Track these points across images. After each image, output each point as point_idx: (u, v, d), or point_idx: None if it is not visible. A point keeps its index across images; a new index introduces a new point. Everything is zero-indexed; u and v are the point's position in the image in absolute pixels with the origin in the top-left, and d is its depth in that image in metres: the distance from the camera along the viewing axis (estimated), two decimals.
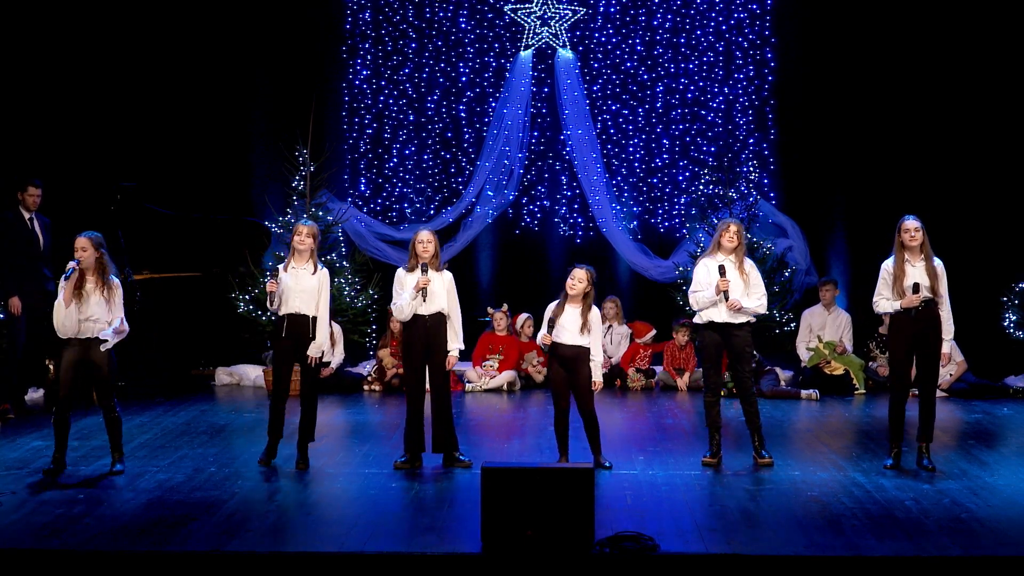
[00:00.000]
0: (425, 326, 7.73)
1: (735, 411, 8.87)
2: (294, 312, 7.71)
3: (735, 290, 7.71)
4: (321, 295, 7.76)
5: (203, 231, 12.01)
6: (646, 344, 12.03)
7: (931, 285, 7.57)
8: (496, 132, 13.20)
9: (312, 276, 7.76)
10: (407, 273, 7.80)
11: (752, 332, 7.91)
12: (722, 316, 7.73)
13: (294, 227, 7.89)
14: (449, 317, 7.79)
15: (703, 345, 7.94)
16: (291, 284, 7.71)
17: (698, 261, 7.99)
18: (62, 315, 7.29)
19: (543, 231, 13.46)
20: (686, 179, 13.30)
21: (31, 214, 9.94)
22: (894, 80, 12.81)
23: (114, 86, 12.54)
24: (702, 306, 7.79)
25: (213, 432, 9.05)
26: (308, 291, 7.72)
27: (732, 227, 7.83)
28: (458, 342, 7.83)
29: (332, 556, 5.65)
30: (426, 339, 7.73)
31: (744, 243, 7.87)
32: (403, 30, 13.35)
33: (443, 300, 7.75)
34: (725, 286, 7.65)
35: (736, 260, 7.79)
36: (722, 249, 7.83)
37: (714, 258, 7.83)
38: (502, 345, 11.77)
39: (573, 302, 7.65)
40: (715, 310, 7.74)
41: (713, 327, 7.78)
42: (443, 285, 7.76)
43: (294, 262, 7.80)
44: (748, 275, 7.78)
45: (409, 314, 7.73)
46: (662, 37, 13.38)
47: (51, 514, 6.36)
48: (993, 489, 7.08)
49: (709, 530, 6.10)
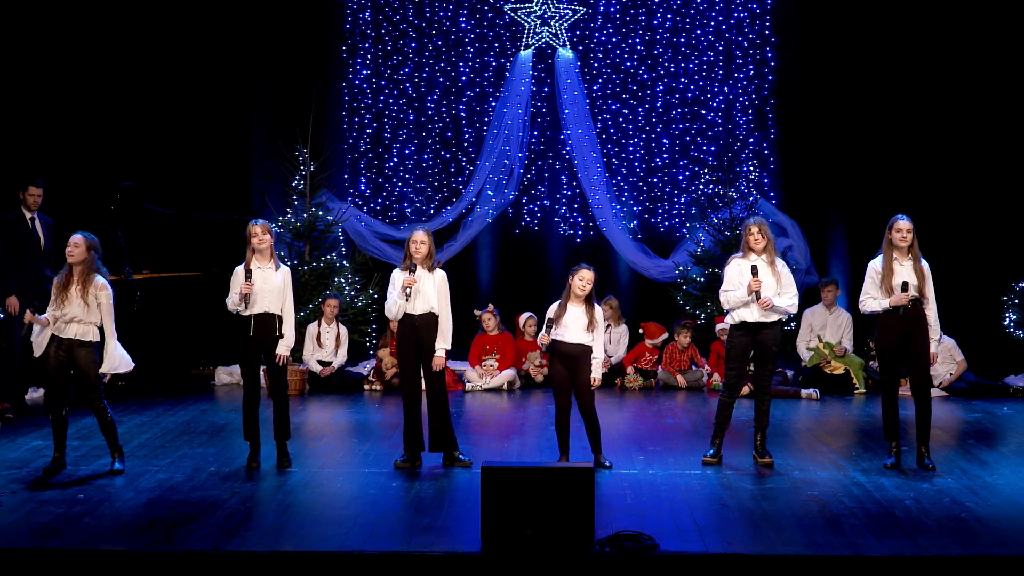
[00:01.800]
0: (414, 325, 7.72)
1: (740, 409, 8.85)
2: (261, 312, 7.67)
3: (767, 289, 7.69)
4: (286, 293, 7.75)
5: (203, 230, 12.00)
6: (655, 347, 12.01)
7: (918, 285, 7.60)
8: (496, 132, 13.20)
9: (276, 273, 7.73)
10: (400, 272, 7.80)
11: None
12: (754, 316, 7.72)
13: (248, 228, 7.77)
14: (439, 316, 7.78)
15: (731, 345, 7.88)
16: (259, 284, 7.66)
17: (730, 260, 7.93)
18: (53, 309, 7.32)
19: (543, 231, 13.46)
20: (686, 178, 13.30)
21: (32, 214, 9.94)
22: (894, 79, 12.81)
23: (114, 86, 12.54)
24: (733, 305, 7.77)
25: (213, 432, 9.05)
26: (274, 290, 7.69)
27: (754, 228, 7.79)
28: (444, 342, 7.78)
29: (332, 556, 5.66)
30: (416, 338, 7.72)
31: (772, 240, 7.84)
32: (403, 30, 13.36)
33: (433, 299, 7.72)
34: (757, 286, 7.64)
35: (768, 259, 7.77)
36: (752, 250, 7.81)
37: (747, 259, 7.81)
38: (496, 344, 11.76)
39: (576, 301, 7.65)
40: (747, 310, 7.73)
41: (745, 327, 7.76)
42: (434, 285, 7.74)
43: (257, 262, 7.73)
44: (780, 274, 7.77)
45: (397, 313, 7.73)
46: (662, 37, 13.38)
47: (51, 514, 6.36)
48: (993, 488, 7.08)
49: (709, 529, 6.10)
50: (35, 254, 9.90)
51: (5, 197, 10.20)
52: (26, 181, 9.93)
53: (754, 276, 7.67)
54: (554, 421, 7.81)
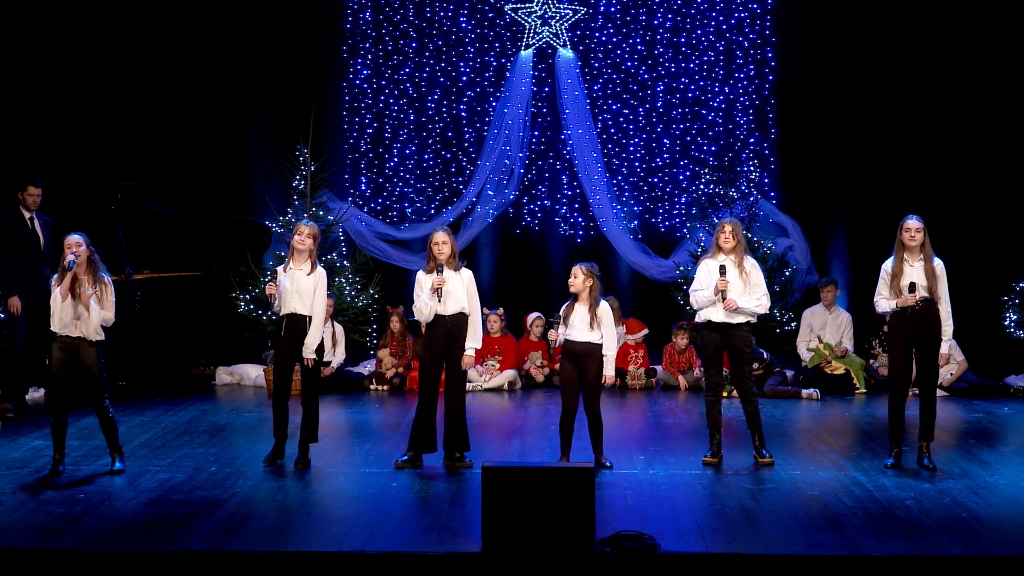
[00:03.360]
0: (446, 326, 7.71)
1: (736, 411, 8.86)
2: (292, 312, 7.73)
3: (734, 290, 7.70)
4: (316, 295, 7.77)
5: (203, 230, 12.00)
6: (637, 342, 12.00)
7: (929, 285, 7.58)
8: (497, 132, 13.20)
9: (308, 276, 7.77)
10: (426, 275, 7.80)
11: (752, 332, 7.91)
12: (719, 316, 7.73)
13: (295, 226, 7.91)
14: (470, 316, 7.79)
15: (703, 344, 7.95)
16: (288, 285, 7.73)
17: (699, 261, 7.99)
18: (58, 308, 7.30)
19: (543, 230, 13.46)
20: (686, 178, 13.30)
21: (31, 214, 9.95)
22: (895, 79, 12.81)
23: (114, 86, 12.54)
24: (701, 305, 7.80)
25: (214, 432, 9.05)
26: (304, 292, 7.73)
27: (727, 227, 7.82)
28: (475, 342, 7.82)
29: (333, 555, 5.65)
30: (446, 339, 7.72)
31: (743, 242, 7.85)
32: (404, 30, 13.35)
33: (463, 299, 7.74)
34: (723, 286, 7.65)
35: (736, 259, 7.78)
36: (721, 250, 7.83)
37: (715, 259, 7.83)
38: (498, 347, 11.76)
39: (580, 299, 7.68)
40: (713, 310, 7.75)
41: (712, 327, 7.79)
42: (462, 284, 7.75)
43: (292, 262, 7.81)
44: (748, 275, 7.77)
45: (429, 315, 7.72)
46: (663, 37, 13.38)
47: (52, 513, 6.36)
48: (994, 488, 7.07)
49: (710, 529, 6.10)
50: (35, 254, 9.90)
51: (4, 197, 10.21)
52: (25, 181, 9.93)
53: (722, 276, 7.68)
54: (556, 421, 7.82)
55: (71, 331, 7.33)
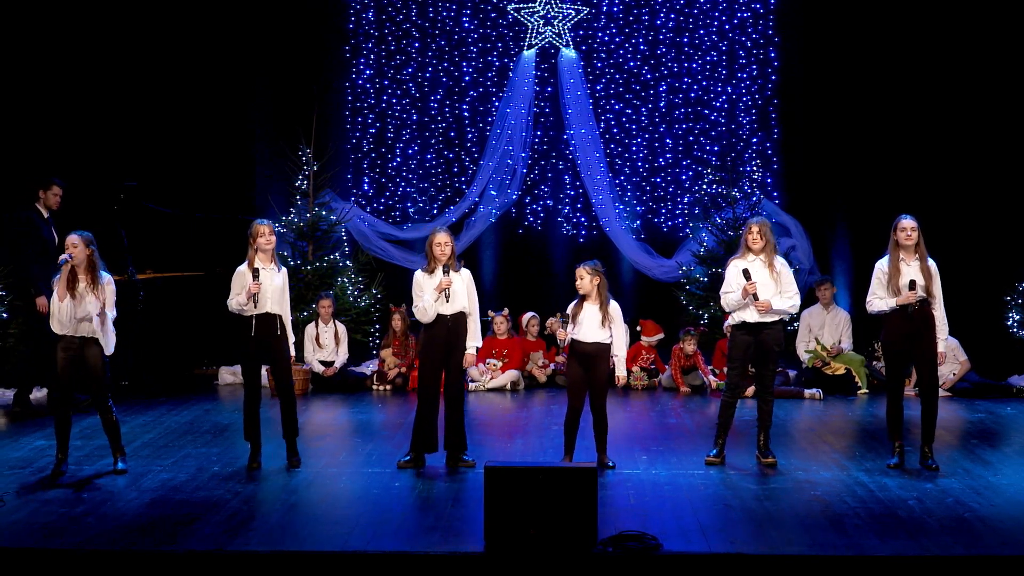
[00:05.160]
0: (447, 326, 7.73)
1: (742, 410, 8.84)
2: (264, 312, 7.67)
3: (767, 291, 7.68)
4: (284, 293, 7.78)
5: (206, 230, 12.01)
6: (651, 345, 11.99)
7: (925, 285, 7.59)
8: (499, 131, 13.20)
9: (278, 275, 7.76)
10: (425, 275, 7.79)
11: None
12: (754, 316, 7.72)
13: (255, 228, 7.72)
14: (470, 315, 7.80)
15: (733, 345, 7.88)
16: (264, 284, 7.66)
17: (730, 261, 7.94)
18: (57, 310, 7.30)
19: (546, 230, 13.46)
20: (689, 178, 13.30)
21: (49, 214, 9.91)
22: (897, 79, 12.79)
23: (117, 86, 12.54)
24: (733, 307, 7.78)
25: (216, 431, 9.06)
26: (277, 290, 7.72)
27: (755, 227, 7.79)
28: (476, 340, 7.85)
29: (335, 555, 5.66)
30: (447, 338, 7.73)
31: (772, 241, 7.82)
32: (406, 29, 13.36)
33: (464, 299, 7.77)
34: (753, 289, 7.63)
35: (766, 259, 7.76)
36: (750, 250, 7.81)
37: (744, 259, 7.81)
38: (504, 348, 11.76)
39: (589, 299, 7.67)
40: (747, 311, 7.73)
41: (746, 327, 7.76)
42: (463, 284, 7.79)
43: (260, 262, 7.71)
44: (779, 274, 7.75)
45: (432, 316, 7.72)
46: (665, 36, 13.37)
47: (54, 513, 6.37)
48: (996, 488, 7.07)
49: (712, 529, 6.10)
50: (55, 254, 9.88)
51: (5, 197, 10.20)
52: (49, 180, 9.90)
53: (747, 280, 7.66)
54: (559, 421, 7.81)
55: (76, 332, 7.33)
